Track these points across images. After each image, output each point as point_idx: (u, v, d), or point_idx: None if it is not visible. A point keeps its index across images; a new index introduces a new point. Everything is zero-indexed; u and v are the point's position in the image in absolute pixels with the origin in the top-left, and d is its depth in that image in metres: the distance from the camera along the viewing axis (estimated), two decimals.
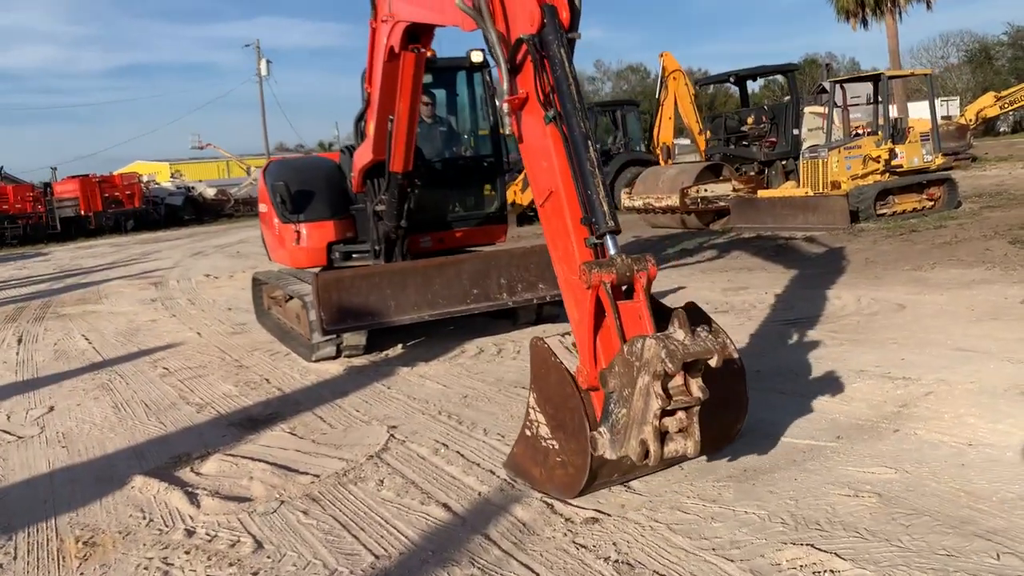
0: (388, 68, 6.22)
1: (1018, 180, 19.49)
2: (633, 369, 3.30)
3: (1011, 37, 50.94)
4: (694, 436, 3.33)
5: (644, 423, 3.27)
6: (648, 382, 3.23)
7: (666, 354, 3.16)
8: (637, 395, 3.29)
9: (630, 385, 3.33)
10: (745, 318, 7.61)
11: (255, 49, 55.02)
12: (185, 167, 58.84)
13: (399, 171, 6.90)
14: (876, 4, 35.11)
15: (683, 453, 3.35)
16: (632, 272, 3.55)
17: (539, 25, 3.80)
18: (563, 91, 3.77)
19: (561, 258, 3.96)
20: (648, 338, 3.25)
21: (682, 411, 3.31)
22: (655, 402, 3.22)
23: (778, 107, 18.28)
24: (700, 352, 3.24)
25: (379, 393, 6.10)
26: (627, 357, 3.33)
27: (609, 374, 3.44)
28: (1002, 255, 9.59)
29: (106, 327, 10.37)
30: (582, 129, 3.74)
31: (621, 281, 3.55)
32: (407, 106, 6.39)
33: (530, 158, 4.08)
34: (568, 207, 3.80)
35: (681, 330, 3.30)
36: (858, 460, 4.04)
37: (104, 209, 34.06)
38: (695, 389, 3.29)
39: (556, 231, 3.96)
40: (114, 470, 4.84)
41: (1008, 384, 4.93)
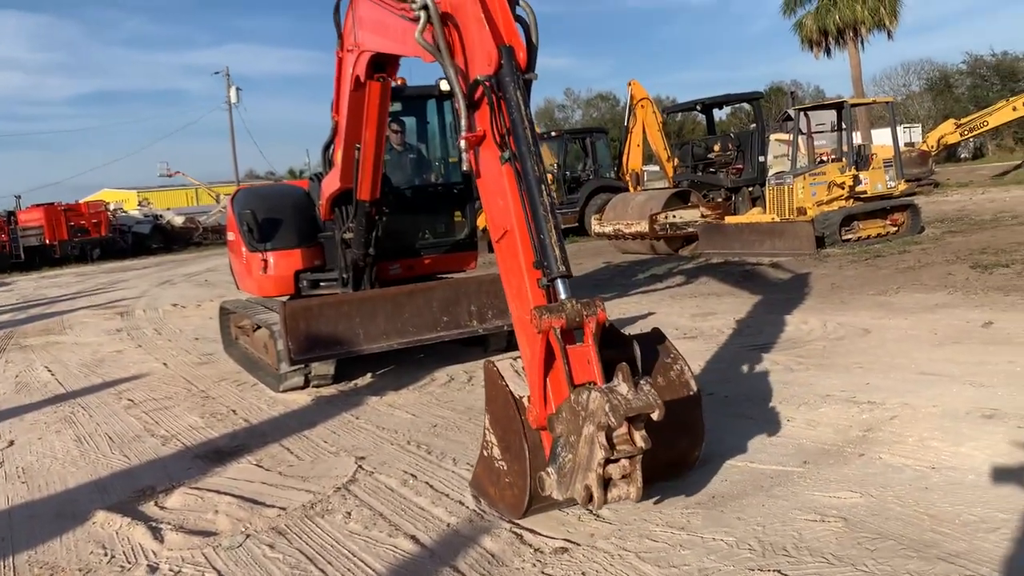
0: (354, 97, 6.23)
1: (979, 206, 19.89)
2: (579, 418, 3.38)
3: (970, 66, 52.14)
4: (637, 483, 3.40)
5: (589, 470, 3.34)
6: (593, 432, 3.31)
7: (609, 408, 3.25)
8: (582, 443, 3.37)
9: (576, 432, 3.40)
10: (713, 343, 7.66)
11: (224, 76, 54.91)
12: (153, 195, 58.26)
13: (366, 199, 6.89)
14: (839, 33, 35.76)
15: (626, 498, 3.42)
16: (582, 317, 3.59)
17: (496, 66, 3.84)
18: (518, 134, 3.81)
19: (514, 296, 4.00)
20: (593, 391, 3.34)
21: (626, 460, 3.39)
22: (599, 452, 3.29)
23: (744, 134, 18.56)
24: (642, 407, 3.33)
25: (347, 423, 6.05)
26: (574, 406, 3.41)
27: (556, 420, 3.52)
28: (964, 280, 9.76)
29: (70, 358, 10.20)
30: (536, 173, 3.78)
31: (571, 325, 3.60)
32: (373, 135, 6.41)
33: (487, 195, 4.13)
34: (522, 249, 3.84)
35: (624, 384, 3.38)
36: (824, 485, 4.07)
37: (70, 238, 33.62)
38: (638, 439, 3.35)
39: (510, 269, 4.01)
40: (75, 505, 4.75)
41: (970, 407, 5.01)
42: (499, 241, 4.08)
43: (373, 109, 6.20)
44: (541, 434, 3.76)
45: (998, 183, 27.11)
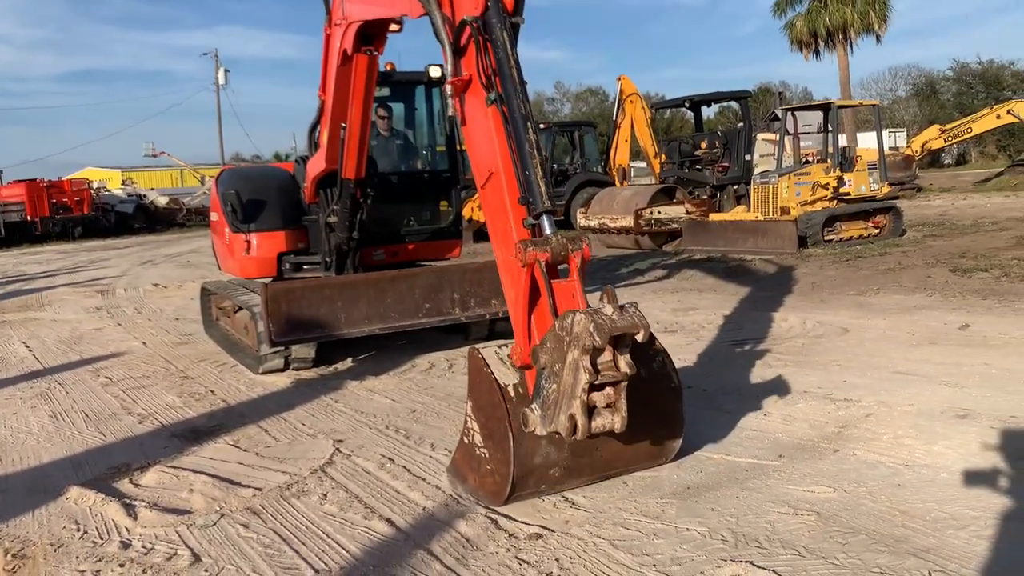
0: (341, 72, 6.28)
1: (960, 211, 20.07)
2: (563, 344, 3.37)
3: (956, 73, 52.47)
4: (621, 411, 3.40)
5: (573, 397, 3.33)
6: (577, 356, 3.30)
7: (594, 328, 3.24)
8: (567, 370, 3.36)
9: (560, 360, 3.40)
10: (694, 338, 7.70)
11: (213, 58, 54.53)
12: (138, 175, 57.72)
13: (351, 178, 6.88)
14: (828, 36, 35.95)
15: (610, 428, 3.42)
16: (567, 251, 3.63)
17: (483, 8, 3.90)
18: (504, 73, 3.86)
19: (500, 239, 4.03)
20: (577, 313, 3.34)
21: (610, 387, 3.39)
22: (583, 376, 3.29)
23: (731, 133, 18.61)
24: (627, 326, 3.34)
25: (326, 407, 6.04)
26: (558, 332, 3.41)
27: (540, 350, 3.52)
28: (943, 282, 9.85)
29: (48, 335, 10.11)
30: (522, 111, 3.82)
31: (556, 260, 3.63)
32: (359, 110, 6.42)
33: (472, 139, 4.17)
34: (507, 187, 3.87)
35: (610, 305, 3.39)
36: (798, 479, 4.10)
37: (51, 215, 33.21)
38: (623, 365, 3.36)
39: (495, 211, 4.04)
40: (49, 481, 4.72)
41: (944, 407, 5.06)
42: (484, 186, 4.11)
43: (360, 83, 6.24)
44: (526, 374, 3.77)
45: (980, 189, 27.37)
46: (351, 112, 6.42)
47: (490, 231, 4.15)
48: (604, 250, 16.89)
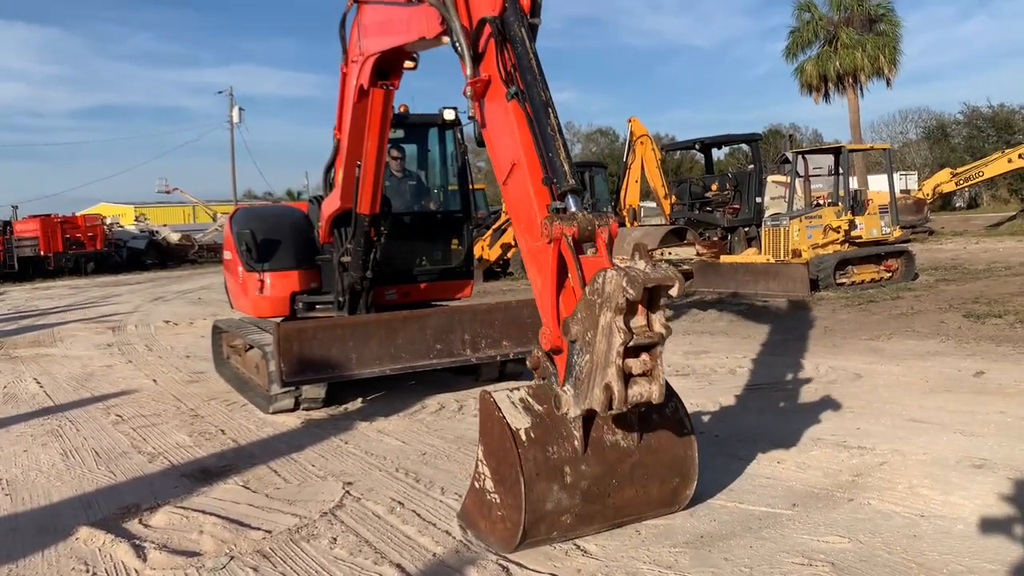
0: (357, 109, 6.39)
1: (972, 255, 20.01)
2: (595, 308, 3.27)
3: (966, 116, 52.64)
4: (659, 380, 3.27)
5: (608, 364, 3.22)
6: (610, 319, 3.19)
7: (627, 281, 3.13)
8: (599, 336, 3.24)
9: (592, 327, 3.29)
10: (706, 382, 7.66)
11: (228, 96, 55.22)
12: (151, 211, 58.30)
13: (366, 213, 6.95)
14: (838, 80, 36.22)
15: (648, 397, 3.28)
16: (593, 227, 3.59)
17: (500, 8, 4.00)
18: (523, 65, 3.92)
19: (524, 229, 4.02)
20: (608, 270, 3.24)
21: (646, 353, 3.28)
22: (618, 338, 3.17)
23: (742, 175, 18.68)
24: (661, 278, 3.21)
25: (336, 448, 6.02)
26: (589, 298, 3.31)
27: (572, 321, 3.42)
28: (956, 328, 9.80)
29: (59, 371, 10.15)
30: (543, 98, 3.87)
31: (583, 235, 3.58)
32: (375, 144, 6.54)
33: (493, 139, 4.22)
34: (529, 172, 3.89)
35: (642, 260, 3.29)
36: (813, 529, 4.06)
37: (65, 250, 33.55)
38: (657, 325, 3.24)
39: (519, 202, 4.04)
40: (59, 520, 4.71)
41: (960, 456, 5.01)
42: (506, 181, 4.13)
43: (376, 117, 6.36)
44: (556, 359, 3.71)
45: (992, 233, 27.30)
46: (367, 146, 6.53)
47: (514, 223, 4.14)
48: None
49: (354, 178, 6.82)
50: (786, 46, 37.73)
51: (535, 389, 4.03)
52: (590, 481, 3.86)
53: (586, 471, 3.85)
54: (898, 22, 36.33)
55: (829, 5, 36.43)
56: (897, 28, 36.18)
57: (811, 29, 36.66)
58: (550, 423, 3.89)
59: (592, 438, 3.91)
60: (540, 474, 3.73)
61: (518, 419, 3.87)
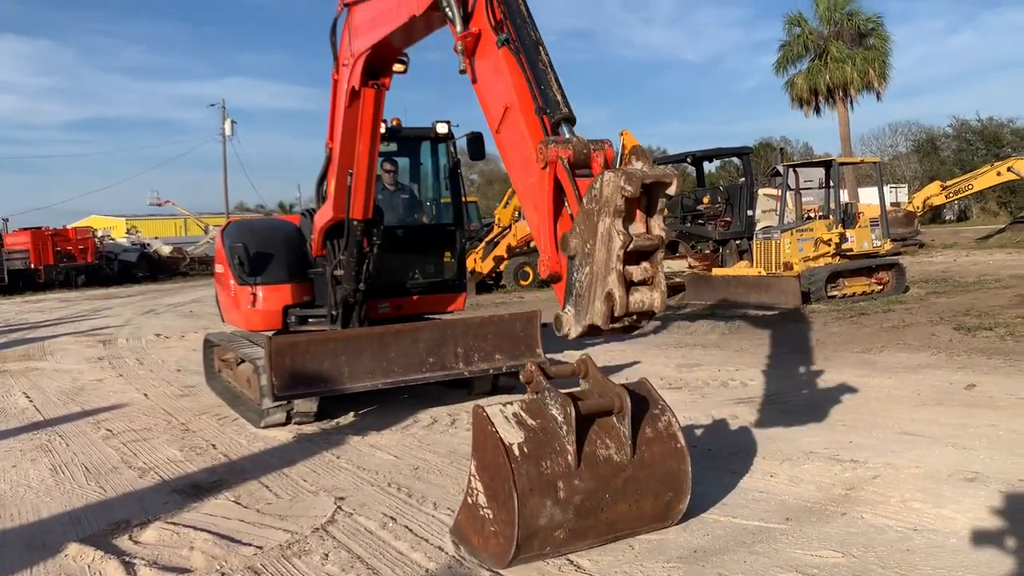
0: (349, 113, 6.46)
1: (962, 267, 20.11)
2: (593, 216, 3.24)
3: (956, 130, 53.03)
4: (660, 287, 3.23)
5: (608, 272, 3.19)
6: (609, 224, 3.17)
7: (625, 179, 3.11)
8: (599, 244, 3.21)
9: (591, 236, 3.25)
10: (699, 395, 7.66)
11: (220, 109, 55.21)
12: (142, 223, 58.12)
13: (359, 218, 6.96)
14: (829, 93, 36.45)
15: (649, 305, 3.23)
16: (589, 150, 3.58)
17: None
18: (512, 10, 4.00)
19: (520, 167, 4.01)
20: (606, 172, 3.22)
21: (646, 261, 3.25)
22: (617, 241, 3.14)
23: (733, 188, 18.78)
24: (659, 175, 3.19)
25: (328, 463, 5.99)
26: (587, 207, 3.28)
27: (570, 235, 3.40)
28: (947, 341, 9.84)
29: (49, 385, 10.09)
30: (532, 37, 3.93)
31: (578, 158, 3.57)
32: (367, 145, 6.59)
33: (484, 91, 4.25)
34: (522, 111, 3.91)
35: (639, 161, 3.26)
36: (806, 543, 4.05)
37: (55, 263, 33.44)
38: (656, 229, 3.21)
39: (514, 145, 4.06)
40: (48, 536, 4.67)
41: (952, 469, 5.02)
42: (499, 128, 4.14)
43: (367, 118, 6.43)
44: (555, 288, 3.71)
45: (982, 246, 27.46)
46: (358, 148, 6.58)
47: (510, 169, 4.14)
48: None
49: (346, 187, 6.85)
50: (776, 60, 38.01)
51: (528, 403, 4.03)
52: (583, 496, 3.85)
53: (579, 486, 3.84)
54: (887, 36, 36.66)
55: (819, 19, 36.73)
56: (886, 42, 36.48)
57: (801, 43, 36.92)
58: (543, 438, 3.88)
59: (585, 453, 3.90)
60: (533, 489, 3.72)
61: (511, 434, 3.86)
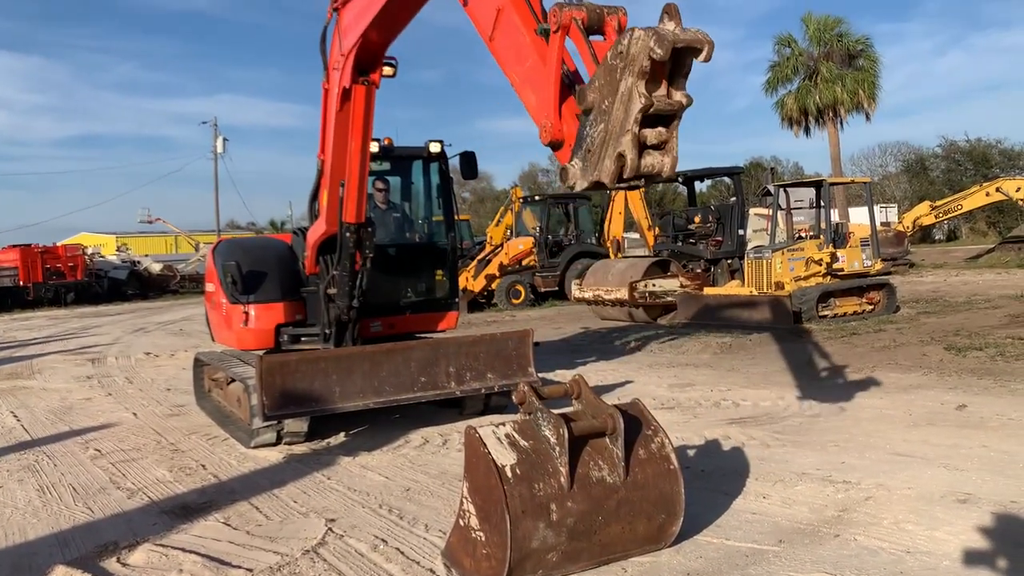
0: (340, 117, 6.52)
1: (953, 287, 20.21)
2: (616, 73, 3.16)
3: (945, 150, 53.40)
4: (672, 152, 3.18)
5: (623, 133, 3.13)
6: (632, 84, 3.10)
7: (656, 40, 3.02)
8: (617, 103, 3.14)
9: (611, 94, 3.18)
10: (691, 415, 7.65)
11: (212, 127, 55.26)
12: (132, 240, 58.04)
13: (352, 221, 6.94)
14: (819, 113, 36.76)
15: (659, 169, 3.20)
16: (603, 12, 3.51)
17: None
18: None
19: (516, 59, 3.97)
20: (636, 29, 3.12)
21: (663, 126, 3.20)
22: (637, 103, 3.07)
23: (724, 208, 18.81)
24: (691, 39, 3.10)
25: (318, 483, 5.95)
26: (611, 63, 3.18)
27: (588, 88, 3.31)
28: (938, 361, 9.86)
29: (37, 404, 10.01)
30: None
31: (592, 20, 3.50)
32: (359, 145, 6.61)
33: (476, 6, 4.22)
34: (514, 5, 3.87)
35: (672, 21, 3.15)
36: (799, 565, 4.03)
37: (44, 280, 33.24)
38: (678, 95, 3.14)
39: (509, 42, 4.00)
40: (34, 559, 4.61)
41: (944, 491, 5.01)
42: (492, 36, 4.09)
43: (359, 117, 6.46)
44: (556, 155, 3.67)
45: (971, 266, 27.61)
46: (351, 148, 6.61)
47: (505, 65, 4.08)
48: (598, 322, 16.91)
49: (339, 199, 6.87)
50: (766, 80, 38.35)
51: (521, 424, 4.01)
52: (576, 518, 3.83)
53: (572, 508, 3.82)
54: (876, 57, 37.07)
55: (809, 40, 37.09)
56: (876, 63, 36.87)
57: (791, 64, 37.27)
58: (536, 459, 3.87)
59: (578, 474, 3.89)
60: (526, 511, 3.70)
61: (503, 455, 3.84)
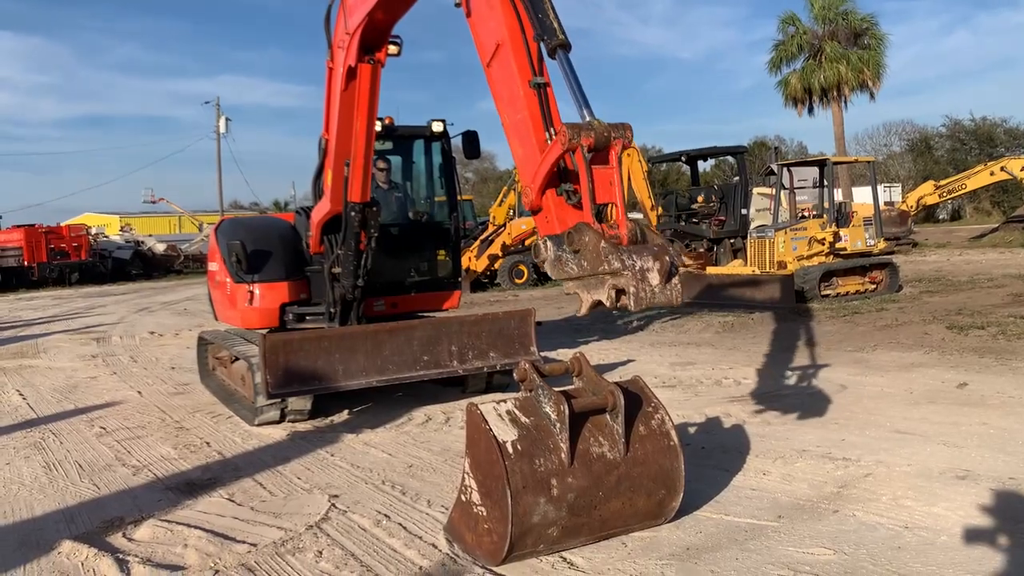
0: (345, 97, 6.53)
1: (955, 267, 20.18)
2: (602, 264, 3.70)
3: (949, 129, 53.11)
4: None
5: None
6: (610, 285, 3.71)
7: (634, 298, 3.62)
8: (591, 264, 3.74)
9: (593, 266, 3.75)
10: (692, 393, 7.69)
11: (215, 107, 55.09)
12: (136, 221, 58.04)
13: (357, 200, 6.94)
14: (823, 93, 36.54)
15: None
16: (609, 135, 3.78)
17: None
18: None
19: (509, 102, 4.27)
20: (627, 280, 3.63)
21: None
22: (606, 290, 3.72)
23: (727, 187, 18.77)
24: (665, 302, 3.71)
25: (322, 460, 6.00)
26: (605, 256, 3.68)
27: (577, 236, 3.80)
28: (940, 340, 9.88)
29: (42, 383, 10.07)
30: None
31: (599, 144, 3.77)
32: (364, 124, 6.62)
33: (477, 24, 4.42)
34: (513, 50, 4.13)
35: (657, 272, 3.64)
36: (798, 540, 4.07)
37: (49, 260, 33.32)
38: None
39: (503, 80, 4.28)
40: (41, 534, 4.66)
41: (943, 467, 5.04)
42: (490, 63, 4.35)
43: (364, 95, 6.47)
44: (534, 218, 4.23)
45: (975, 245, 27.57)
46: (356, 127, 6.61)
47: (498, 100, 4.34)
48: None
49: (343, 178, 6.86)
50: (770, 59, 38.10)
51: (522, 401, 4.04)
52: (576, 493, 3.87)
53: (573, 483, 3.86)
54: (882, 36, 36.77)
55: (813, 19, 36.80)
56: (881, 42, 36.59)
57: (795, 42, 37.01)
58: (537, 436, 3.90)
59: (579, 450, 3.92)
60: (527, 487, 3.74)
61: (505, 432, 3.87)
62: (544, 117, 4.07)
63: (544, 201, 4.07)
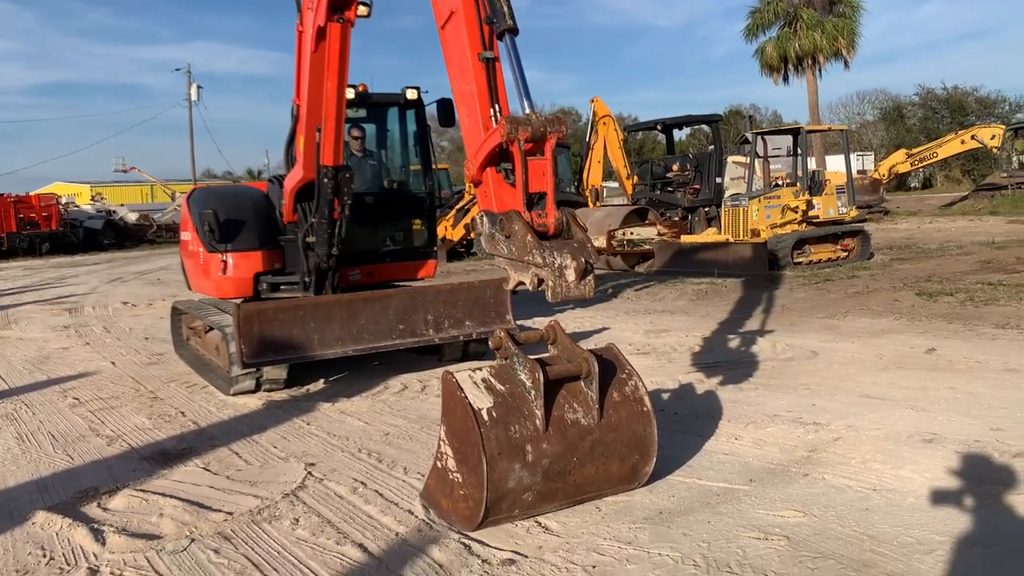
0: (315, 59, 6.51)
1: (926, 234, 20.42)
2: (524, 256, 3.96)
3: (921, 98, 53.45)
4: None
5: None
6: (533, 274, 3.96)
7: (550, 292, 3.91)
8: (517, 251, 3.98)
9: (519, 260, 4.02)
10: (666, 360, 7.76)
11: (186, 74, 54.21)
12: (107, 190, 57.18)
13: (329, 164, 6.90)
14: (798, 61, 36.60)
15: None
16: (545, 131, 3.98)
17: None
18: None
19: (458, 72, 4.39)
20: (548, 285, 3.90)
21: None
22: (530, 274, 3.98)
23: (702, 156, 18.82)
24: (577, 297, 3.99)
25: (298, 429, 6.01)
26: (523, 249, 3.97)
27: (504, 226, 4.04)
28: (909, 306, 10.01)
29: (14, 354, 9.96)
30: None
31: (535, 138, 3.98)
32: (335, 85, 6.58)
33: None
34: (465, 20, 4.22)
35: (572, 270, 3.87)
36: (769, 503, 4.15)
37: (18, 230, 32.83)
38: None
39: (454, 48, 4.39)
40: (14, 505, 4.65)
41: (911, 431, 5.14)
42: (444, 26, 4.45)
43: (334, 55, 6.46)
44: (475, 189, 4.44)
45: (945, 213, 27.86)
46: (327, 88, 6.57)
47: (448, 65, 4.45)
48: None
49: (315, 143, 6.82)
50: (746, 26, 38.06)
51: (497, 369, 4.07)
52: (551, 459, 3.91)
53: (547, 449, 3.90)
54: (857, 4, 36.79)
55: None
56: (856, 10, 36.63)
57: (772, 10, 36.96)
58: (512, 403, 3.93)
59: (553, 417, 3.96)
60: (502, 453, 3.77)
61: (480, 399, 3.90)
62: (491, 92, 4.21)
63: (484, 177, 4.25)
